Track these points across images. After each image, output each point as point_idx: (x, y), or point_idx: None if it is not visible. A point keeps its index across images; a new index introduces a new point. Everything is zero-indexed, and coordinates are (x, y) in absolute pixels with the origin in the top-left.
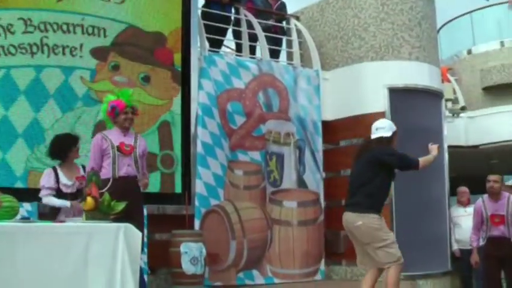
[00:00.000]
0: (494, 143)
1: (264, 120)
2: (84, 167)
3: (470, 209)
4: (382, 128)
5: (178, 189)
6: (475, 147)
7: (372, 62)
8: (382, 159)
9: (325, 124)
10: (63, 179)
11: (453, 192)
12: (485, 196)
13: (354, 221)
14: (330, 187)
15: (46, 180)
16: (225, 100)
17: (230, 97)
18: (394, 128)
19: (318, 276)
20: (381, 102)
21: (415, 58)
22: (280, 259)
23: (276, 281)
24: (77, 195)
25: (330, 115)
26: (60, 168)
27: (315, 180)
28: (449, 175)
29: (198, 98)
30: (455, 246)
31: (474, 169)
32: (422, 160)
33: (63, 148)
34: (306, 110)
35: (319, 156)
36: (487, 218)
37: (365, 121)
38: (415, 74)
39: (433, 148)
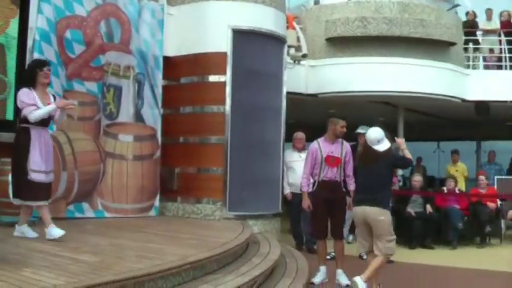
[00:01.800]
0: (333, 92)
1: (103, 51)
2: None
3: (304, 154)
4: (382, 139)
5: (10, 116)
6: (314, 95)
7: (218, 1)
8: (397, 163)
9: (167, 60)
10: (39, 102)
11: (291, 138)
12: (321, 139)
13: (378, 214)
14: (168, 124)
15: (26, 97)
16: (64, 27)
17: (70, 24)
18: (383, 133)
19: (152, 212)
20: (223, 43)
21: (261, 1)
22: (112, 193)
23: (107, 215)
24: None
25: (172, 51)
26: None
27: (152, 115)
28: (287, 121)
29: (37, 22)
30: (287, 190)
31: (312, 117)
32: (411, 156)
33: (31, 72)
34: (148, 44)
35: (159, 91)
36: (322, 159)
37: (206, 60)
38: (261, 17)
39: (401, 143)
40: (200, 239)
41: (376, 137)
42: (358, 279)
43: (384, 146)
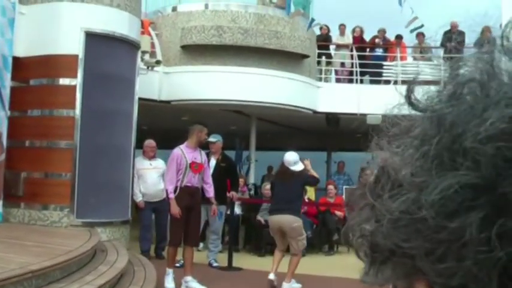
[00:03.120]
0: (186, 100)
1: None
2: None
3: (155, 163)
4: (297, 161)
5: None
6: (168, 102)
7: (71, 3)
8: (308, 181)
9: (16, 60)
10: None
11: (143, 145)
12: (183, 146)
13: (292, 222)
14: (15, 126)
15: None
16: None
17: None
18: (298, 157)
19: None
20: (75, 45)
21: (116, 5)
22: None
23: None
24: None
25: (22, 51)
26: None
27: None
28: (139, 127)
29: None
30: (140, 198)
31: (165, 124)
32: (316, 175)
33: None
34: None
35: (6, 92)
36: (187, 165)
37: (58, 62)
38: (114, 21)
39: (307, 164)
40: (44, 247)
41: (292, 159)
42: (286, 285)
43: (298, 167)
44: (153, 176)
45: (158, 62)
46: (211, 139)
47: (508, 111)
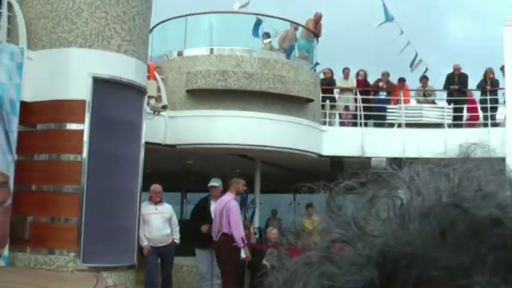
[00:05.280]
0: (191, 144)
1: None
2: None
3: (161, 207)
4: None
5: None
6: (173, 146)
7: (79, 48)
8: None
9: (24, 105)
10: None
11: (147, 187)
12: (232, 198)
13: None
14: (22, 170)
15: None
16: None
17: None
18: None
19: (1, 262)
20: (83, 90)
21: (123, 51)
22: None
23: None
24: None
25: (29, 96)
26: None
27: (5, 161)
28: (144, 171)
29: None
30: (145, 242)
31: (170, 167)
32: None
33: None
34: (5, 87)
35: (14, 137)
36: None
37: (65, 107)
38: (121, 66)
39: None
40: None
41: None
42: None
43: None
44: (158, 221)
45: (164, 107)
46: (215, 184)
47: None
